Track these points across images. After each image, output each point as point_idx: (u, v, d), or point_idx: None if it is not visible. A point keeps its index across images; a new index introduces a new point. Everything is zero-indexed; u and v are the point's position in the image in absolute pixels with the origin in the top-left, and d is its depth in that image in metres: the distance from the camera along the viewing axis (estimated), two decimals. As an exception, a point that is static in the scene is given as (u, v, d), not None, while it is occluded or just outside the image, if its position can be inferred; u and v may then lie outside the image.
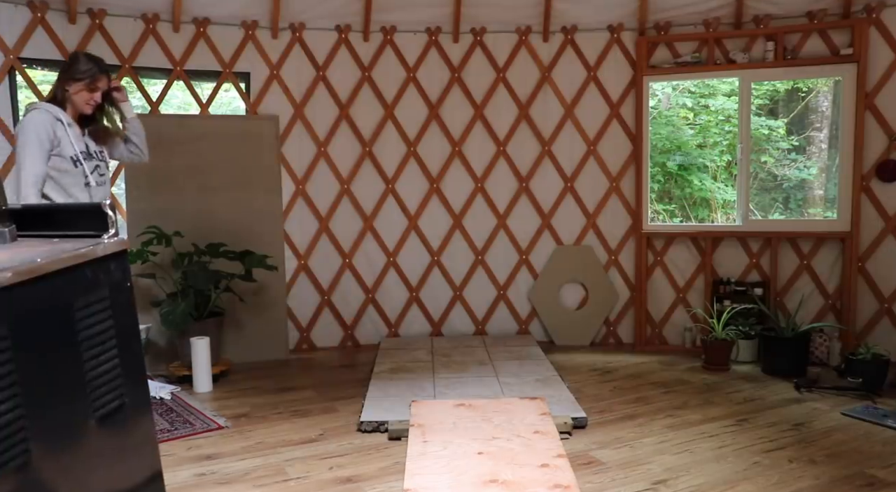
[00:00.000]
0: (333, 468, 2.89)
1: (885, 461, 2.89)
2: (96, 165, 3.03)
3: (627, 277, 5.03)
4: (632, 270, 5.00)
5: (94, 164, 3.02)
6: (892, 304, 4.40)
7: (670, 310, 4.94)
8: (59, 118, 2.88)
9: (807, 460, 2.91)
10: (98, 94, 2.97)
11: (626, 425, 3.35)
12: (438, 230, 5.14)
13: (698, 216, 7.06)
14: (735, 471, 2.81)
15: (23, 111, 3.23)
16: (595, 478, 2.76)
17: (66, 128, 2.89)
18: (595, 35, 4.92)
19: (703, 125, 7.09)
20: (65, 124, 2.89)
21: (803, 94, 7.16)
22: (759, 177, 7.01)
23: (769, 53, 4.57)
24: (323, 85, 4.87)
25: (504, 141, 5.07)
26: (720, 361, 4.39)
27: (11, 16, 4.13)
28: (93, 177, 2.98)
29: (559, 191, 5.08)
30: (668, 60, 4.81)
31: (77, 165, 2.91)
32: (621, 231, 5.04)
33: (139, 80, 4.58)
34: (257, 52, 4.74)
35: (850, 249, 4.45)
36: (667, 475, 2.78)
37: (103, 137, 3.14)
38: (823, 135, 7.14)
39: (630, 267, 5.00)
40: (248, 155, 4.68)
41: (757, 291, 4.62)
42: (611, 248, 5.06)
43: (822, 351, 4.46)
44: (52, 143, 2.84)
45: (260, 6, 4.65)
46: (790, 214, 7.10)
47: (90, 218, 1.42)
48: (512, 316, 5.20)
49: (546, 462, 2.74)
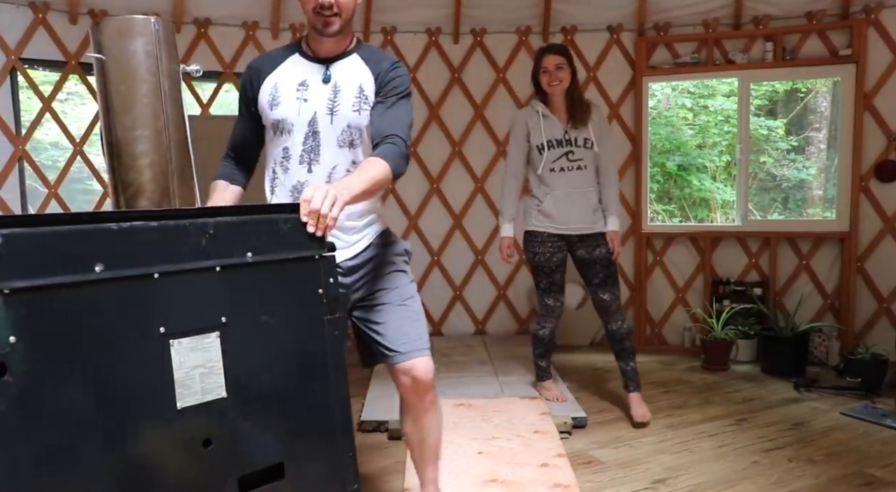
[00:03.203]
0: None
1: (883, 461, 2.90)
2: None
3: (627, 277, 5.03)
4: (631, 270, 5.01)
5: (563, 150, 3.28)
6: (890, 304, 4.41)
7: (670, 310, 4.95)
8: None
9: (806, 460, 2.92)
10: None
11: (626, 425, 3.36)
12: (438, 230, 5.15)
13: (698, 216, 7.07)
14: (734, 470, 2.83)
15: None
16: (595, 477, 2.77)
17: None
18: (594, 36, 4.93)
19: (702, 125, 7.11)
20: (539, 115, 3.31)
21: (802, 94, 7.18)
22: (759, 177, 7.03)
23: (768, 54, 4.58)
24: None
25: (504, 141, 5.07)
26: (719, 361, 4.40)
27: (13, 16, 4.14)
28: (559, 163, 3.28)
29: (559, 191, 5.09)
30: (668, 61, 4.82)
31: (541, 153, 3.29)
32: (621, 231, 5.04)
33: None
34: (258, 52, 4.75)
35: (848, 249, 4.46)
36: (666, 475, 2.79)
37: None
38: (822, 135, 7.16)
39: (630, 267, 5.01)
40: (249, 155, 4.68)
41: (756, 291, 4.63)
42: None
43: (821, 351, 4.47)
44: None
45: (261, 7, 4.67)
46: (789, 214, 7.12)
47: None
48: (512, 316, 5.22)
49: (546, 462, 2.75)
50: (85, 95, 4.75)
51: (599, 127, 3.31)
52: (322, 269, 1.46)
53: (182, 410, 1.25)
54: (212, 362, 1.28)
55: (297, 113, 1.91)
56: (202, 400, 1.27)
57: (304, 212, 1.42)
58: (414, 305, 1.99)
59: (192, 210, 1.31)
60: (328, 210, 1.42)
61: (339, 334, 1.49)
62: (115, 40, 1.48)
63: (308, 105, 1.91)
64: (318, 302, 1.45)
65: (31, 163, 4.41)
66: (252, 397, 1.35)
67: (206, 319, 1.28)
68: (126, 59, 1.48)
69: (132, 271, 1.19)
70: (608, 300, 3.30)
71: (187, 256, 1.26)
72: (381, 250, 2.03)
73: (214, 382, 1.28)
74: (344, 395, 1.52)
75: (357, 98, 1.90)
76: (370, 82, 1.92)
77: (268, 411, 1.38)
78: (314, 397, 1.46)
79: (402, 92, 1.91)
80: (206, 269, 1.28)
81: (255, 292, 1.35)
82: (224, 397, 1.30)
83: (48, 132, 6.11)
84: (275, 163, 1.98)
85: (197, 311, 1.27)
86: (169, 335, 1.23)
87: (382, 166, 1.73)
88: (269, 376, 1.38)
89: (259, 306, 1.36)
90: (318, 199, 1.42)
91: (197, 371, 1.26)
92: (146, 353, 1.21)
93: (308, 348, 1.44)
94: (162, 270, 1.22)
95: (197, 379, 1.26)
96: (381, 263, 2.01)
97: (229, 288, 1.31)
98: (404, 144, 1.82)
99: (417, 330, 1.96)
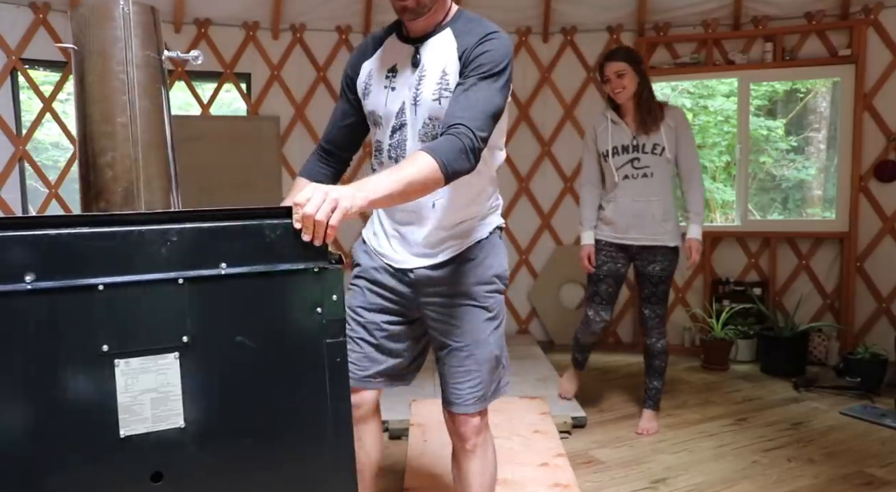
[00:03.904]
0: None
1: (883, 460, 2.91)
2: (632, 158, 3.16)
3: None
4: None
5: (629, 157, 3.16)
6: (890, 303, 4.41)
7: (669, 310, 4.94)
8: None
9: (805, 459, 2.93)
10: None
11: (626, 425, 3.37)
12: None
13: (697, 216, 7.08)
14: (734, 470, 2.83)
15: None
16: (594, 477, 2.77)
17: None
18: (595, 36, 4.94)
19: (702, 126, 7.11)
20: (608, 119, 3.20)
21: (802, 94, 7.18)
22: (758, 177, 7.03)
23: (768, 54, 4.59)
24: (324, 86, 4.89)
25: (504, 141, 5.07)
26: (719, 361, 4.40)
27: (13, 17, 4.14)
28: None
29: (559, 191, 5.10)
30: (668, 61, 4.83)
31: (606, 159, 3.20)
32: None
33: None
34: (258, 52, 4.76)
35: (848, 249, 4.46)
36: (666, 474, 2.79)
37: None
38: (822, 135, 7.16)
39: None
40: (249, 155, 4.69)
41: (756, 291, 4.64)
42: (610, 248, 5.07)
43: (820, 351, 4.48)
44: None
45: (261, 7, 4.67)
46: (789, 214, 7.12)
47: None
48: (512, 316, 5.22)
49: (546, 461, 2.76)
50: (85, 96, 4.76)
51: (676, 131, 3.11)
52: (322, 284, 1.24)
53: (126, 438, 1.11)
54: (168, 387, 1.14)
55: (385, 103, 1.68)
56: (153, 429, 1.13)
57: (297, 217, 1.20)
58: (479, 352, 1.74)
59: (146, 214, 1.16)
60: (325, 217, 1.19)
61: (340, 361, 1.26)
62: (84, 27, 1.34)
63: (395, 94, 1.67)
64: (315, 323, 1.24)
65: (31, 163, 4.42)
66: (219, 429, 1.18)
67: (164, 338, 1.14)
68: (93, 48, 1.33)
69: (70, 282, 1.07)
70: (647, 316, 3.24)
71: (141, 265, 1.11)
72: (462, 271, 1.73)
73: (170, 409, 1.14)
74: (348, 447, 1.28)
75: (438, 83, 1.61)
76: (454, 61, 1.60)
77: (238, 448, 1.19)
78: (303, 440, 1.24)
79: (488, 71, 1.54)
80: (166, 281, 1.13)
81: (229, 309, 1.18)
82: (181, 426, 1.15)
83: (49, 132, 6.12)
84: (373, 158, 1.80)
85: (152, 328, 1.13)
86: (113, 355, 1.10)
87: (425, 164, 1.39)
88: (244, 408, 1.20)
89: (234, 326, 1.18)
90: (313, 203, 1.19)
91: (148, 396, 1.12)
92: (85, 373, 1.08)
93: (298, 378, 1.24)
94: (108, 282, 1.09)
95: (147, 405, 1.13)
96: (457, 291, 1.74)
97: (196, 304, 1.15)
98: (471, 136, 1.46)
99: (473, 383, 1.75)
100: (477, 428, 1.82)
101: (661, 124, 3.10)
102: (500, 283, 1.77)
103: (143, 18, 1.35)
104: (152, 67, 1.38)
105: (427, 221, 1.70)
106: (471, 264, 1.73)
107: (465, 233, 1.72)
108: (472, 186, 1.68)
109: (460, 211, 1.70)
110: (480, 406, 1.79)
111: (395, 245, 1.77)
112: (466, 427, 1.80)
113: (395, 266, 1.77)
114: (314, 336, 1.24)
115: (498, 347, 1.79)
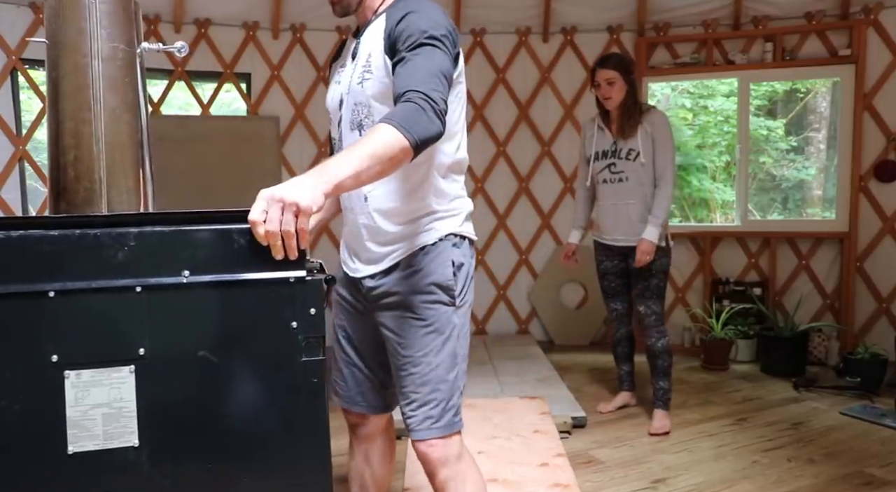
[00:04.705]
0: (333, 468, 2.89)
1: (883, 460, 2.91)
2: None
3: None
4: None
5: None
6: (890, 303, 4.41)
7: (669, 310, 4.95)
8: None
9: (805, 459, 2.92)
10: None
11: (626, 425, 3.37)
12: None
13: (697, 216, 7.08)
14: (734, 470, 2.83)
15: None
16: (594, 477, 2.77)
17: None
18: (595, 36, 4.94)
19: (702, 126, 7.11)
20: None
21: (802, 94, 7.18)
22: (758, 177, 7.03)
23: (768, 54, 4.59)
24: (324, 86, 4.89)
25: (504, 141, 5.09)
26: (719, 361, 4.40)
27: (14, 17, 4.14)
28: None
29: (559, 191, 5.10)
30: (668, 61, 4.83)
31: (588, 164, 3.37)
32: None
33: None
34: (258, 52, 4.76)
35: (848, 249, 4.46)
36: (666, 474, 2.79)
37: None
38: (822, 135, 7.16)
39: (629, 267, 5.02)
40: (249, 156, 4.69)
41: (756, 291, 4.64)
42: (610, 248, 5.07)
43: (820, 351, 4.48)
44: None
45: (261, 7, 4.67)
46: (789, 214, 7.12)
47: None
48: (512, 316, 5.22)
49: (546, 461, 2.76)
50: (85, 96, 4.76)
51: (652, 136, 3.17)
52: (298, 296, 1.12)
53: (74, 455, 1.04)
54: (121, 403, 1.06)
55: (332, 99, 1.64)
56: (104, 447, 1.05)
57: (259, 238, 1.08)
58: (419, 370, 1.57)
59: (103, 217, 1.08)
60: (290, 226, 1.07)
61: (317, 382, 1.13)
62: (53, 20, 1.26)
63: (338, 88, 1.62)
64: (289, 338, 1.12)
65: (31, 163, 4.42)
66: (177, 451, 1.09)
67: (118, 349, 1.05)
68: (60, 41, 1.26)
69: (18, 288, 1.00)
70: (642, 313, 3.27)
71: (95, 272, 1.04)
72: (402, 279, 1.58)
73: (123, 426, 1.06)
74: (324, 475, 1.17)
75: (363, 66, 1.52)
76: (379, 42, 1.49)
77: (198, 472, 1.10)
78: (273, 466, 1.14)
79: (418, 40, 1.40)
80: (122, 288, 1.05)
81: (191, 321, 1.09)
82: (135, 445, 1.06)
83: (48, 132, 6.11)
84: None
85: (105, 338, 1.05)
86: (64, 365, 1.03)
87: (385, 133, 1.24)
88: (206, 429, 1.10)
89: (196, 339, 1.09)
90: (272, 218, 1.06)
91: (99, 411, 1.04)
92: (32, 383, 1.02)
93: (268, 399, 1.12)
94: (60, 288, 1.02)
95: (99, 420, 1.05)
96: (396, 301, 1.59)
97: (155, 314, 1.07)
98: (423, 96, 1.30)
99: (416, 405, 1.60)
100: (440, 460, 1.60)
101: (639, 129, 3.17)
102: (442, 293, 1.56)
103: (113, 9, 1.26)
104: (121, 61, 1.28)
105: (364, 216, 1.58)
106: (410, 271, 1.57)
107: (409, 236, 1.57)
108: (409, 177, 1.53)
109: (399, 205, 1.55)
110: (433, 433, 1.59)
111: (349, 251, 1.69)
112: (426, 459, 1.62)
113: (350, 275, 1.68)
114: (288, 354, 1.12)
115: (445, 368, 1.57)
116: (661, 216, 3.14)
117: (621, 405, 3.58)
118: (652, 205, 3.18)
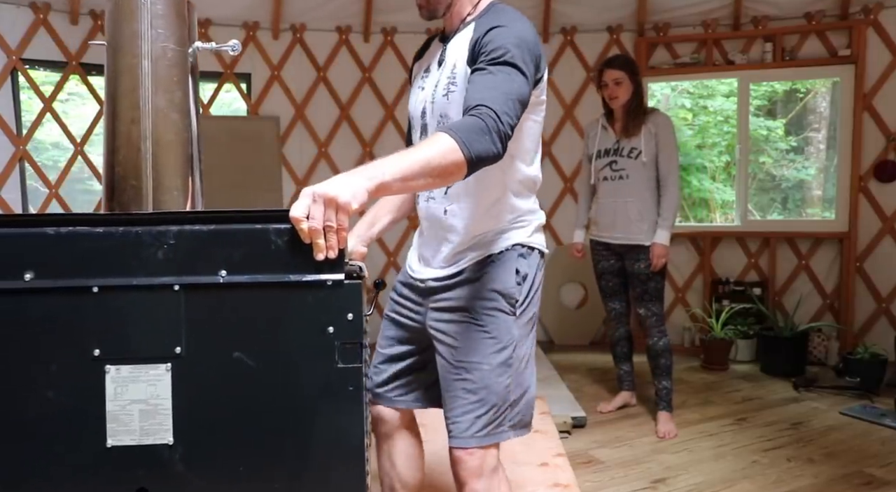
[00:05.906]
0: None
1: (882, 460, 2.91)
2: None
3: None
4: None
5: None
6: (889, 303, 4.41)
7: (669, 309, 4.95)
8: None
9: (805, 459, 2.93)
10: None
11: (626, 425, 3.37)
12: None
13: (697, 216, 7.08)
14: (734, 470, 2.83)
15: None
16: (594, 477, 2.77)
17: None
18: (594, 36, 4.94)
19: (701, 126, 7.11)
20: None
21: (801, 94, 7.18)
22: (758, 177, 7.03)
23: (767, 54, 4.59)
24: (324, 86, 4.89)
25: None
26: (719, 361, 4.40)
27: (14, 17, 4.15)
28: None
29: (559, 191, 5.10)
30: (668, 61, 4.83)
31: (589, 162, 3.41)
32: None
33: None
34: (258, 52, 4.76)
35: (848, 249, 4.47)
36: (666, 474, 2.79)
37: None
38: (822, 135, 7.16)
39: (629, 267, 5.02)
40: (249, 155, 4.70)
41: (755, 291, 4.64)
42: (610, 248, 5.07)
43: (820, 351, 4.48)
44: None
45: (261, 7, 4.67)
46: (788, 214, 7.12)
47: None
48: (512, 316, 5.21)
49: (545, 461, 2.76)
50: (86, 96, 4.76)
51: (656, 137, 3.18)
52: (335, 300, 1.10)
53: (112, 448, 1.06)
54: (157, 400, 1.07)
55: (414, 105, 1.62)
56: (140, 442, 1.07)
57: (303, 237, 1.07)
58: (473, 376, 1.52)
59: (146, 215, 1.09)
60: (333, 221, 1.05)
61: (354, 390, 1.11)
62: (110, 22, 1.31)
63: (422, 95, 1.59)
64: (326, 344, 1.10)
65: (31, 163, 4.42)
66: (210, 452, 1.09)
67: (156, 346, 1.07)
68: (116, 42, 1.29)
69: (66, 283, 1.03)
70: (643, 315, 3.28)
71: (136, 269, 1.05)
72: (466, 285, 1.57)
73: (159, 423, 1.07)
74: (358, 480, 1.14)
75: (448, 77, 1.50)
76: (465, 52, 1.46)
77: (231, 473, 1.10)
78: (306, 470, 1.11)
79: (501, 57, 1.36)
80: (161, 286, 1.06)
81: (227, 321, 1.08)
82: (169, 443, 1.07)
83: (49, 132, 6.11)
84: None
85: (144, 336, 1.07)
86: (105, 359, 1.05)
87: (444, 144, 1.21)
88: (239, 431, 1.09)
89: (232, 340, 1.08)
90: (315, 216, 1.05)
91: (137, 407, 1.06)
92: (75, 376, 1.05)
93: (302, 404, 1.10)
94: (103, 284, 1.05)
95: (136, 416, 1.07)
96: (457, 306, 1.57)
97: (191, 313, 1.07)
98: (493, 117, 1.27)
99: (462, 411, 1.54)
100: (475, 471, 1.56)
101: (643, 129, 3.19)
102: (503, 301, 1.53)
103: (165, 10, 1.29)
104: (170, 60, 1.30)
105: (442, 230, 1.60)
106: (474, 277, 1.56)
107: (480, 246, 1.58)
108: (486, 194, 1.55)
109: (475, 222, 1.55)
110: (476, 442, 1.54)
111: (421, 260, 1.71)
112: (460, 467, 1.58)
113: (413, 276, 1.70)
114: (324, 359, 1.10)
115: (501, 376, 1.53)
116: (671, 219, 3.18)
117: (621, 405, 3.58)
118: (661, 207, 3.21)
